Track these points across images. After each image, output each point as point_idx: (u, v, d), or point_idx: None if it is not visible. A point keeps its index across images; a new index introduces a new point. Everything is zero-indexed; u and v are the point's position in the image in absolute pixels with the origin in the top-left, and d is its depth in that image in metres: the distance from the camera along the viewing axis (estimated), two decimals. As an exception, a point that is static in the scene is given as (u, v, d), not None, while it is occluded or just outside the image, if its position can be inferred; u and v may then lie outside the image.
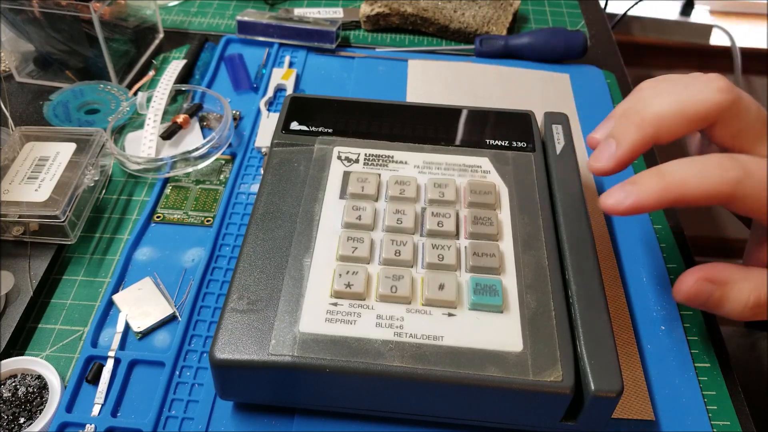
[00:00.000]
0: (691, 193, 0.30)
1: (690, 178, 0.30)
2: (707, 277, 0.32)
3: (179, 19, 0.62)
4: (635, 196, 0.30)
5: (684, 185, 0.30)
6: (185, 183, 0.46)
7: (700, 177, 0.30)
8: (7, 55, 0.53)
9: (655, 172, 0.31)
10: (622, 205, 0.30)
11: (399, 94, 0.54)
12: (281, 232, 0.35)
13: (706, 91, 0.31)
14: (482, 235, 0.36)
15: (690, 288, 0.32)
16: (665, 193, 0.30)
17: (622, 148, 0.32)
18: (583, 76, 0.57)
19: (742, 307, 0.32)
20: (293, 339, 0.31)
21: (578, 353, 0.31)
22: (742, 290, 0.32)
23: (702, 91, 0.31)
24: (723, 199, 0.30)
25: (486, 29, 0.60)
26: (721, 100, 0.31)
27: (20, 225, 0.40)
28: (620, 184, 0.31)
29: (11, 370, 0.35)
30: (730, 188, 0.30)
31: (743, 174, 0.30)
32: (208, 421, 0.34)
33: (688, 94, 0.32)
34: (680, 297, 0.33)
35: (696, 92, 0.31)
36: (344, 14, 0.62)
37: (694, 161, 0.31)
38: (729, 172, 0.30)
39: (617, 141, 0.32)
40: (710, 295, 0.32)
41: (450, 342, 0.31)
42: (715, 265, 0.33)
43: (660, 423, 0.34)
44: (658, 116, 0.32)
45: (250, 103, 0.53)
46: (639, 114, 0.32)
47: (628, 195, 0.30)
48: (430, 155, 0.40)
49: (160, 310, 0.38)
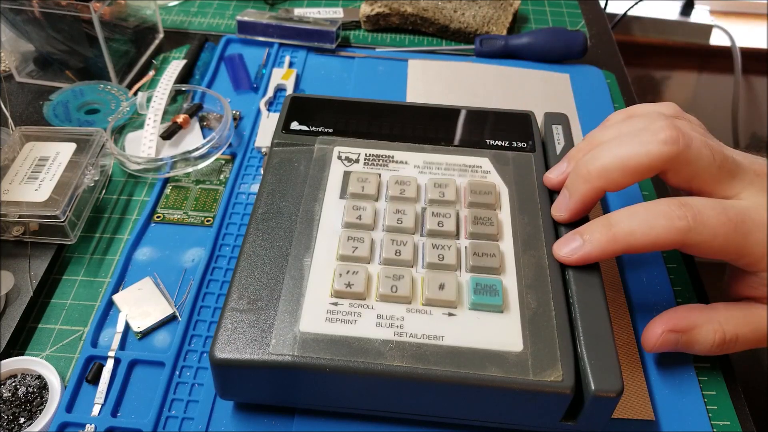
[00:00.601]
0: (638, 244, 0.31)
1: (635, 229, 0.31)
2: (671, 328, 0.33)
3: (179, 19, 0.62)
4: (582, 251, 0.32)
5: (630, 236, 0.31)
6: (185, 183, 0.46)
7: (646, 227, 0.31)
8: (7, 55, 0.53)
9: (604, 222, 0.32)
10: (571, 257, 0.33)
11: (399, 94, 0.54)
12: (281, 232, 0.35)
13: (650, 144, 0.32)
14: (482, 235, 0.36)
15: (657, 340, 0.34)
16: (612, 245, 0.32)
17: (574, 200, 0.34)
18: (583, 76, 0.57)
19: (709, 348, 0.33)
20: (293, 339, 0.31)
21: (578, 353, 0.31)
22: (708, 333, 0.33)
23: (646, 144, 0.32)
24: (673, 247, 0.31)
25: (486, 29, 0.60)
26: (663, 153, 0.31)
27: (20, 225, 0.40)
28: (571, 234, 0.33)
29: (11, 370, 0.35)
30: (678, 238, 0.31)
31: (692, 223, 0.30)
32: (208, 421, 0.34)
33: (631, 148, 0.32)
34: (649, 347, 0.34)
35: (640, 145, 0.32)
36: (344, 14, 0.62)
37: (642, 210, 0.32)
38: (676, 223, 0.31)
39: (569, 193, 0.34)
40: (677, 343, 0.34)
41: (450, 342, 0.31)
42: (677, 312, 0.34)
43: (660, 423, 0.34)
44: (604, 170, 0.33)
45: (250, 103, 0.53)
46: (587, 167, 0.33)
47: (576, 249, 0.33)
48: (430, 155, 0.40)
49: (160, 310, 0.38)
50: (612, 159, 0.32)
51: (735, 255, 0.32)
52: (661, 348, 0.34)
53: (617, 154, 0.32)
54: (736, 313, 0.34)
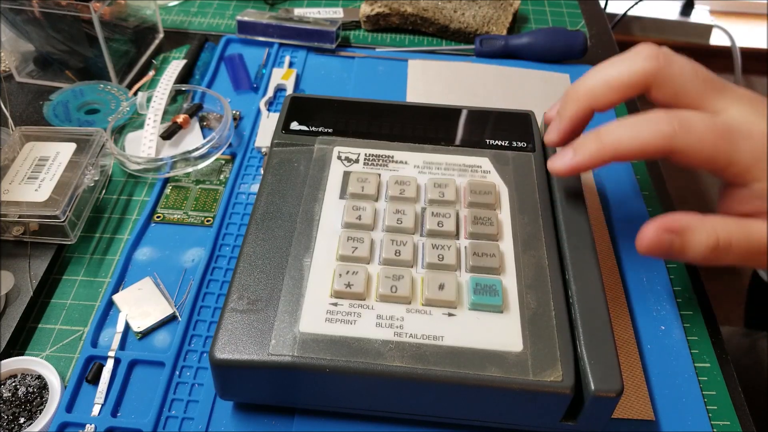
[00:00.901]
0: (624, 149, 0.32)
1: (622, 136, 0.33)
2: (667, 227, 0.33)
3: (179, 19, 0.62)
4: (573, 161, 0.34)
5: (618, 143, 0.33)
6: (185, 183, 0.46)
7: (633, 133, 0.32)
8: (7, 55, 0.53)
9: (594, 134, 0.34)
10: (564, 168, 0.34)
11: (399, 94, 0.54)
12: (281, 232, 0.35)
13: (632, 61, 0.34)
14: (482, 235, 0.36)
15: (651, 239, 0.33)
16: (601, 153, 0.33)
17: (564, 121, 0.36)
18: (583, 76, 0.56)
19: (702, 252, 0.32)
20: (293, 339, 0.31)
21: (578, 353, 0.31)
22: (701, 235, 0.32)
23: (628, 62, 0.34)
24: (660, 153, 0.32)
25: (486, 29, 0.60)
26: (645, 68, 0.33)
27: (20, 225, 0.40)
28: (565, 148, 0.35)
29: (11, 370, 0.35)
30: (664, 143, 0.31)
31: (678, 128, 0.31)
32: (208, 421, 0.34)
33: (616, 68, 0.34)
34: (643, 249, 0.33)
35: (623, 63, 0.34)
36: (344, 14, 0.62)
37: (630, 120, 0.33)
38: (661, 127, 0.32)
39: (560, 115, 0.36)
40: (671, 244, 0.33)
41: (450, 342, 0.31)
42: (673, 214, 0.33)
43: (660, 423, 0.34)
44: (591, 88, 0.35)
45: (250, 103, 0.53)
46: (575, 89, 0.35)
47: (568, 160, 0.34)
48: (430, 155, 0.40)
49: (160, 310, 0.38)
50: (598, 79, 0.35)
51: (723, 163, 0.32)
52: (655, 248, 0.33)
53: (603, 74, 0.34)
54: (730, 222, 0.33)
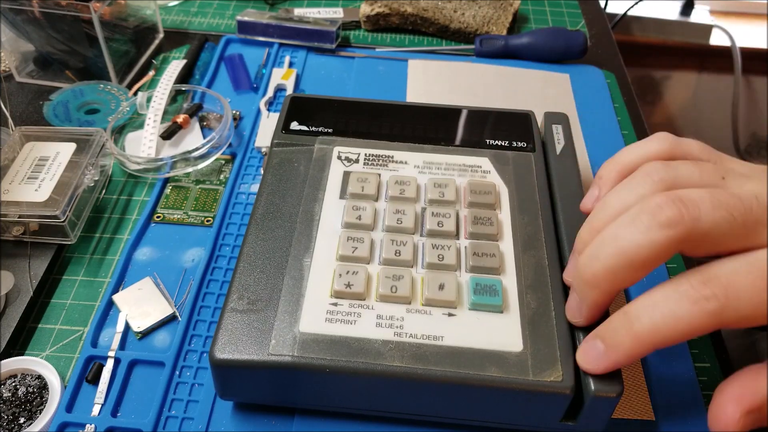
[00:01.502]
0: (667, 340, 0.26)
1: (659, 324, 0.26)
2: (747, 409, 0.26)
3: (179, 19, 0.62)
4: (607, 361, 0.28)
5: (656, 334, 0.26)
6: (185, 183, 0.46)
7: (672, 320, 0.26)
8: (7, 55, 0.53)
9: (624, 320, 0.27)
10: (598, 368, 0.29)
11: (399, 94, 0.54)
12: (281, 232, 0.35)
13: (651, 231, 0.26)
14: (482, 235, 0.36)
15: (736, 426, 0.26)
16: (638, 348, 0.27)
17: (587, 306, 0.30)
18: (583, 76, 0.57)
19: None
20: (293, 339, 0.31)
21: (578, 353, 0.31)
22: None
23: (646, 231, 0.27)
24: (711, 331, 0.26)
25: (486, 29, 0.60)
26: (670, 238, 0.26)
27: (20, 225, 0.40)
28: (591, 337, 0.29)
29: (11, 370, 0.35)
30: (713, 321, 0.25)
31: (724, 300, 0.25)
32: (208, 421, 0.34)
33: (632, 239, 0.27)
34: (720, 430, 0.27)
35: (641, 233, 0.27)
36: (344, 14, 0.62)
37: (662, 298, 0.27)
38: (704, 305, 0.25)
39: (580, 298, 0.30)
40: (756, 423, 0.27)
41: (450, 342, 0.31)
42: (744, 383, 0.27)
43: (660, 423, 0.34)
44: (610, 271, 0.28)
45: (250, 103, 0.53)
46: (591, 270, 0.28)
47: (599, 359, 0.28)
48: (430, 155, 0.40)
49: (160, 310, 0.38)
50: (615, 257, 0.27)
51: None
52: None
53: (619, 249, 0.27)
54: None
